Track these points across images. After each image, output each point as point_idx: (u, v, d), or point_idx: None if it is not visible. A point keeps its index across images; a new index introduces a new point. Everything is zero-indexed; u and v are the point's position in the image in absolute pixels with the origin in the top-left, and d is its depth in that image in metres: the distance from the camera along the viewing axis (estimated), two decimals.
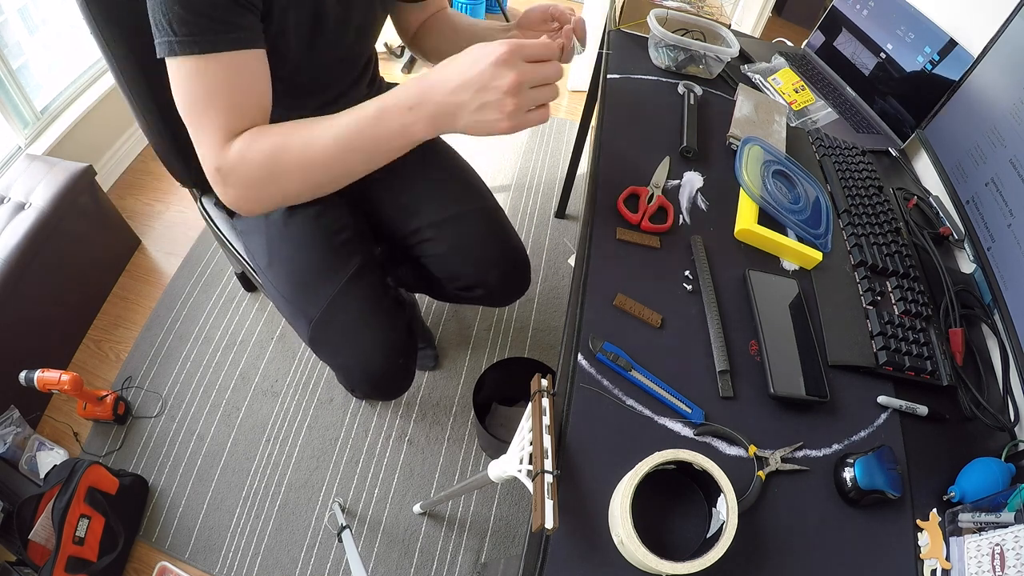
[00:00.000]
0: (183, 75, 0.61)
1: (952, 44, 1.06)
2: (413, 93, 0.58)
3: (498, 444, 1.24)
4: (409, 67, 2.52)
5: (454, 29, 0.95)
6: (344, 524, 1.25)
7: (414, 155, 1.14)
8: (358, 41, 0.88)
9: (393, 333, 0.94)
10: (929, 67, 1.10)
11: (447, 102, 0.56)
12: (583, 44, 0.71)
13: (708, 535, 0.59)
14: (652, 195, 0.90)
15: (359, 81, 0.93)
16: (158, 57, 0.62)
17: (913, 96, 1.14)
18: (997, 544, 0.58)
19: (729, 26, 1.22)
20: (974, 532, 0.61)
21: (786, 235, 0.90)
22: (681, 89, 1.13)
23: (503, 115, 0.55)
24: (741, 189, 0.93)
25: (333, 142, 0.61)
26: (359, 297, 0.92)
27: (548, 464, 0.59)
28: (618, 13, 1.27)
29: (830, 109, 1.19)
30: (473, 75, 0.54)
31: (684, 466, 0.59)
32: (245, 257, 1.05)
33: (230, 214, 1.08)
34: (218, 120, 0.62)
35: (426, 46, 0.99)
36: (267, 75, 0.66)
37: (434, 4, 0.97)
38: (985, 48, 0.94)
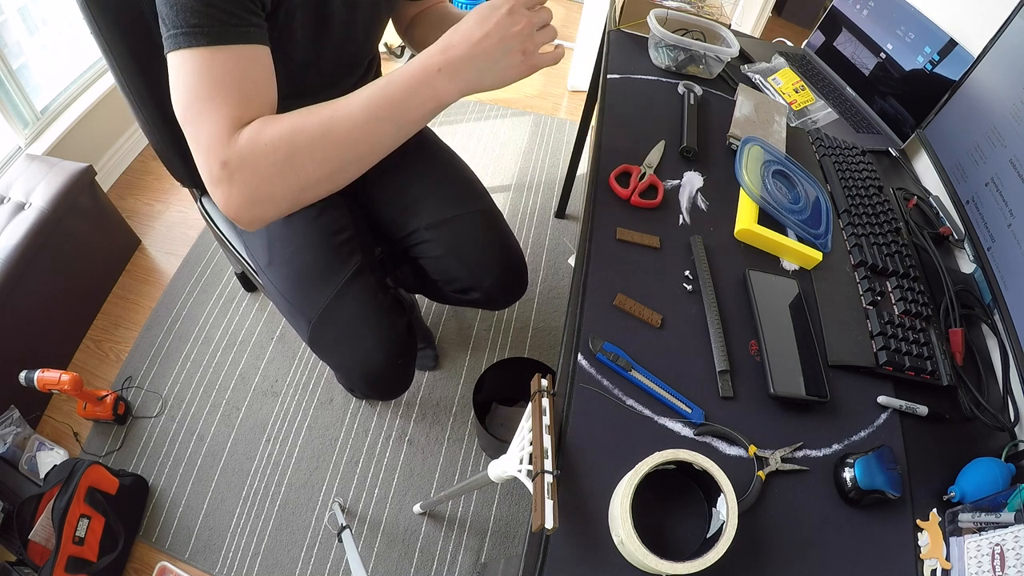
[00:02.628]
0: (189, 68, 0.58)
1: (952, 44, 1.06)
2: (438, 55, 0.60)
3: (498, 444, 1.24)
4: None
5: (441, 18, 0.96)
6: (344, 524, 1.25)
7: (413, 155, 1.14)
8: (363, 41, 0.88)
9: (393, 333, 0.94)
10: (929, 67, 1.10)
11: (474, 53, 0.60)
12: None
13: (708, 535, 0.59)
14: (644, 173, 0.92)
15: (362, 80, 0.94)
16: (166, 52, 0.59)
17: (913, 96, 1.14)
18: (997, 544, 0.58)
19: (729, 26, 1.22)
20: (974, 532, 0.61)
21: (786, 235, 0.90)
22: (681, 89, 1.13)
23: (523, 56, 0.61)
24: (741, 189, 0.93)
25: (361, 112, 0.60)
26: (359, 297, 0.92)
27: (548, 464, 0.59)
28: (618, 13, 1.27)
29: (830, 109, 1.19)
30: (491, 26, 0.59)
31: (684, 466, 0.59)
32: (245, 257, 1.05)
33: None
34: (224, 109, 0.58)
35: (416, 35, 0.99)
36: (273, 73, 0.65)
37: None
38: (985, 48, 0.94)
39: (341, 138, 0.60)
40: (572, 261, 1.73)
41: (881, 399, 0.75)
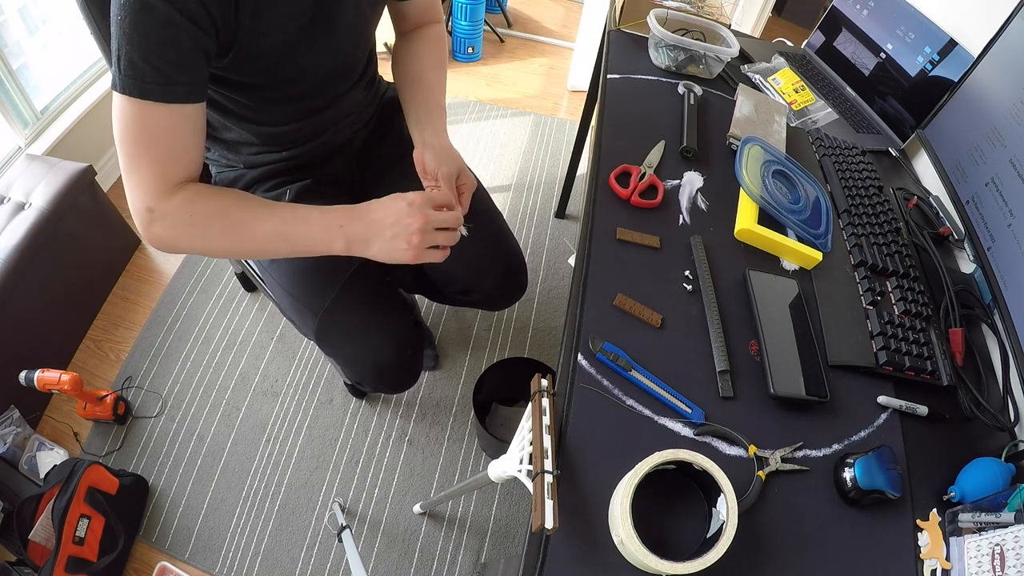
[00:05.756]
0: (125, 114, 0.63)
1: (952, 44, 1.06)
2: (344, 217, 0.71)
3: (498, 444, 1.24)
4: None
5: (404, 75, 0.93)
6: (344, 524, 1.26)
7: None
8: (351, 50, 0.87)
9: (401, 323, 0.95)
10: (929, 67, 1.10)
11: (368, 229, 0.70)
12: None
13: (708, 535, 0.59)
14: (644, 173, 0.92)
15: (356, 85, 0.93)
16: (110, 85, 0.63)
17: (913, 96, 1.14)
18: (997, 544, 0.58)
19: (729, 26, 1.22)
20: (974, 532, 0.61)
21: (786, 235, 0.90)
22: (681, 89, 1.13)
23: (409, 246, 0.70)
24: (741, 189, 0.93)
25: (271, 230, 0.71)
26: (365, 290, 0.93)
27: (548, 464, 0.59)
28: (618, 13, 1.27)
29: (830, 109, 1.19)
30: (391, 211, 0.70)
31: (684, 466, 0.59)
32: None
33: None
34: (155, 166, 0.66)
35: (395, 56, 0.98)
36: (203, 128, 0.70)
37: (416, 16, 0.96)
38: (985, 48, 0.94)
39: (246, 238, 0.72)
40: (572, 261, 1.73)
41: (881, 399, 0.75)
